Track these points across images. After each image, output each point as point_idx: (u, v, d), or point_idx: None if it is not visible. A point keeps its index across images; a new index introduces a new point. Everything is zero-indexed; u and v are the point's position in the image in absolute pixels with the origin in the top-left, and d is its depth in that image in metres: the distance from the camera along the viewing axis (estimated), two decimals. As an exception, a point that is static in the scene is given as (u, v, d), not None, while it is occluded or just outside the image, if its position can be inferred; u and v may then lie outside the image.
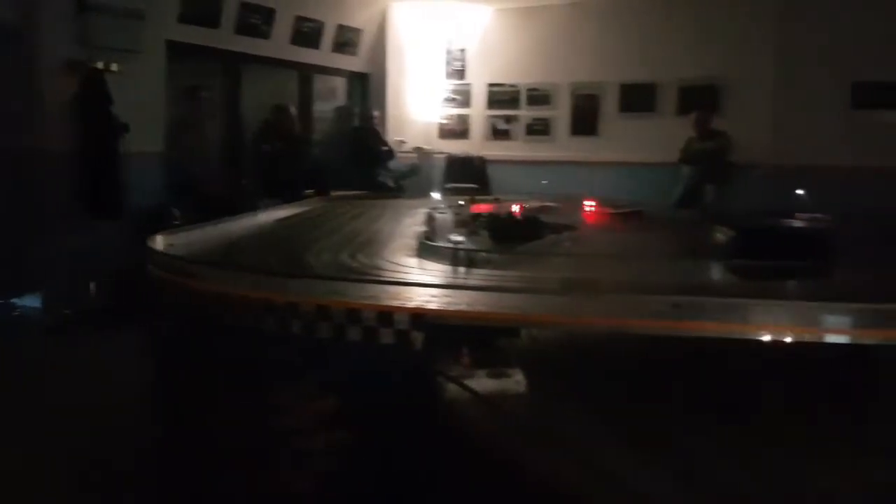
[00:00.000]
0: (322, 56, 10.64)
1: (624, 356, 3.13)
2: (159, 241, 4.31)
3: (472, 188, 9.40)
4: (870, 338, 2.89)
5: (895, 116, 8.89)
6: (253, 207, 6.73)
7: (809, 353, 2.89)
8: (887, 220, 6.48)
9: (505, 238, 4.65)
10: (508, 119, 11.73)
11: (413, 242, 4.60)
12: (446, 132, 12.11)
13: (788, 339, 2.82)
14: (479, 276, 3.74)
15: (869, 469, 2.26)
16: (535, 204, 6.99)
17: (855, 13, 8.85)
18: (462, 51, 11.91)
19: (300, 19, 9.91)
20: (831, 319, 2.96)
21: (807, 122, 9.08)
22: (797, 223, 6.52)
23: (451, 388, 2.83)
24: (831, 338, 2.85)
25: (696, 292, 3.28)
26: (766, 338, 2.90)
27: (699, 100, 9.81)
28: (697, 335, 2.82)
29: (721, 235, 5.70)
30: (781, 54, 9.41)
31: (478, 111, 11.91)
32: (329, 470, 2.77)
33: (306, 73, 10.83)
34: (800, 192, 7.35)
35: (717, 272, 4.12)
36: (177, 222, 6.71)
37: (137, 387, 4.07)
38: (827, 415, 2.66)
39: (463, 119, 12.04)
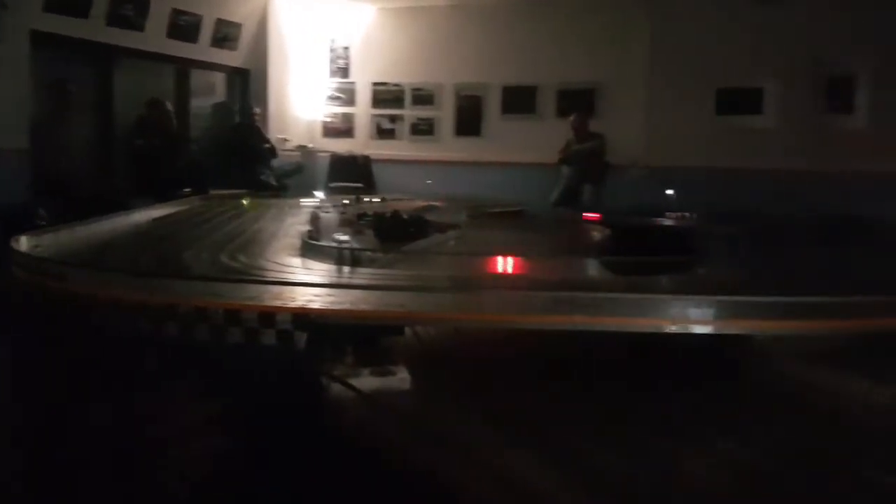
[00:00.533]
0: (200, 50, 10.31)
1: (508, 350, 3.20)
2: (24, 243, 4.07)
3: (356, 187, 9.36)
4: (734, 328, 3.09)
5: (756, 121, 9.49)
6: (126, 206, 6.45)
7: (676, 343, 3.06)
8: (750, 219, 6.94)
9: (390, 237, 4.66)
10: (393, 118, 11.75)
11: (296, 242, 4.54)
12: (330, 130, 12.00)
13: (658, 330, 2.97)
14: (364, 275, 3.73)
15: (730, 447, 2.41)
16: (420, 203, 7.04)
17: (720, 23, 9.40)
18: (346, 48, 11.83)
19: (177, 12, 9.56)
20: (696, 311, 3.14)
21: (677, 126, 9.57)
22: (667, 222, 6.87)
23: (336, 388, 2.82)
24: (697, 328, 3.03)
25: (573, 288, 3.40)
26: (638, 329, 3.05)
27: (577, 102, 10.14)
28: (576, 328, 2.92)
29: (597, 233, 5.94)
30: (653, 60, 9.88)
31: (362, 110, 11.87)
32: (209, 474, 2.70)
33: (183, 68, 10.46)
34: (670, 191, 7.74)
35: (592, 268, 4.28)
36: (43, 223, 6.33)
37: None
38: (693, 399, 2.82)
39: (347, 118, 11.96)
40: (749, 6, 9.09)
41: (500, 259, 4.31)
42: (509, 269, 4.02)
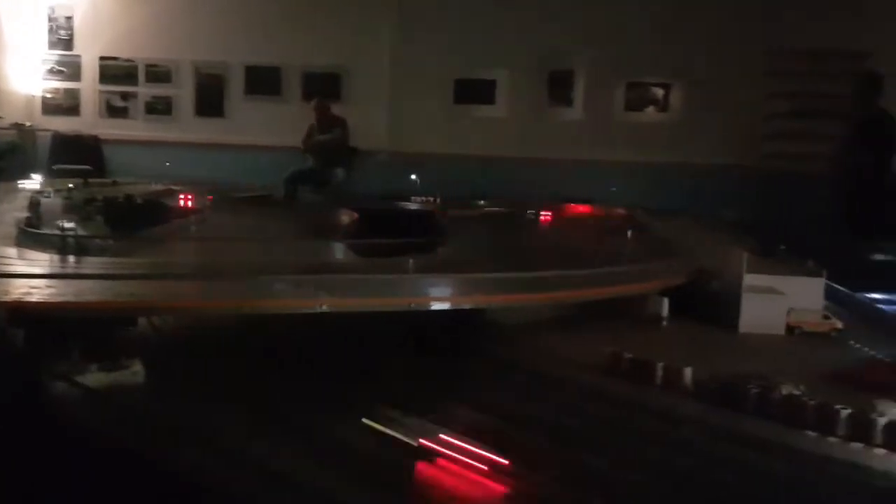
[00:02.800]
0: None
1: (251, 337, 3.15)
2: None
3: (84, 170, 8.61)
4: (472, 303, 3.30)
5: (489, 111, 10.14)
6: None
7: (420, 320, 3.21)
8: (488, 203, 7.41)
9: (123, 223, 4.37)
10: (125, 96, 10.95)
11: (12, 230, 4.11)
12: (51, 107, 10.91)
13: (402, 308, 3.09)
14: (92, 264, 3.47)
15: (473, 420, 2.58)
16: (157, 188, 6.66)
17: (463, 15, 9.89)
18: (68, 18, 10.80)
19: None
20: (437, 289, 3.32)
21: (419, 113, 9.93)
22: (410, 205, 7.14)
23: (62, 387, 2.60)
24: (438, 305, 3.19)
25: (319, 271, 3.43)
26: (384, 308, 3.15)
27: (322, 86, 10.13)
28: (321, 311, 2.95)
29: (344, 217, 6.01)
30: (398, 48, 10.15)
31: (88, 86, 10.92)
32: None
33: None
34: (414, 176, 8.04)
35: (338, 252, 4.34)
36: None
37: None
38: (436, 372, 2.98)
39: (71, 94, 10.95)
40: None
41: (242, 244, 4.22)
42: (252, 254, 3.95)
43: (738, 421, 2.50)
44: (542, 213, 6.22)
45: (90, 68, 10.83)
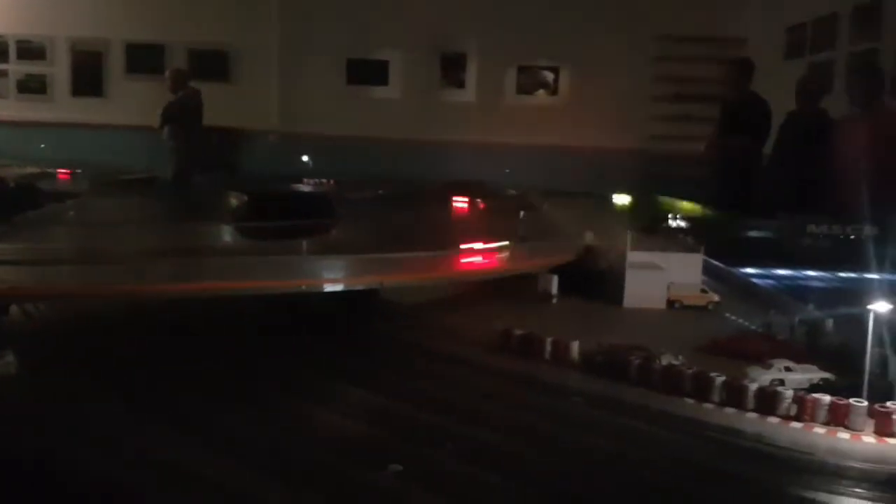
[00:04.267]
0: None
1: (135, 321, 3.04)
2: None
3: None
4: (365, 283, 3.29)
5: (383, 92, 10.06)
6: None
7: (315, 301, 3.18)
8: (379, 184, 7.38)
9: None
10: (-7, 73, 10.26)
11: None
12: None
13: (294, 290, 3.05)
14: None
15: (368, 400, 2.59)
16: (32, 170, 6.29)
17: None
18: (-75, -14, 10.00)
19: None
20: (330, 269, 3.28)
21: (310, 93, 9.75)
22: (302, 187, 7.03)
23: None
24: (330, 286, 3.17)
25: (208, 254, 3.33)
26: (274, 290, 3.10)
27: (209, 65, 9.78)
28: (210, 294, 2.87)
29: (234, 200, 5.86)
30: (287, 26, 9.91)
31: (-51, 61, 10.16)
32: None
33: None
34: (306, 158, 7.90)
35: (229, 235, 4.22)
36: None
37: None
38: (329, 352, 2.96)
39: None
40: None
41: (123, 229, 4.05)
42: (133, 239, 3.80)
43: (621, 390, 2.60)
44: (436, 193, 6.25)
45: (-49, 42, 10.08)
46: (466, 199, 6.57)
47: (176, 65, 8.67)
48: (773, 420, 2.33)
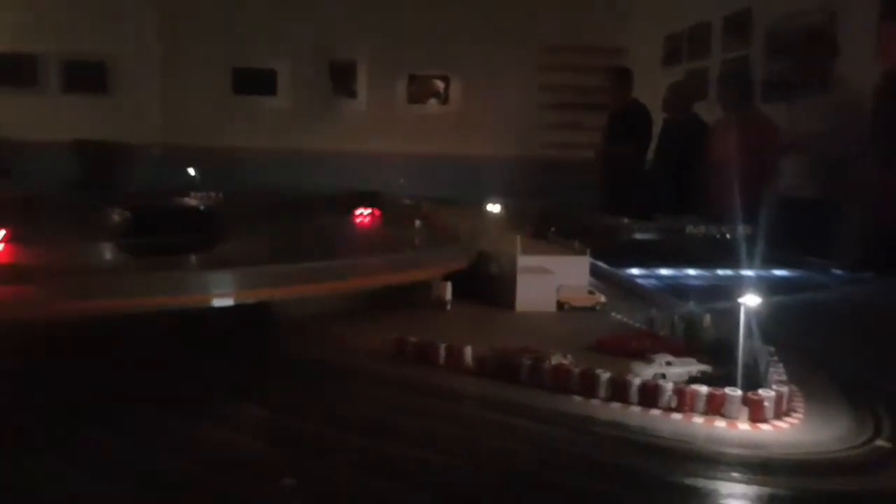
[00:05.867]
0: None
1: (11, 343, 2.88)
2: None
3: None
4: (253, 297, 3.23)
5: (271, 102, 9.91)
6: None
7: (202, 316, 3.10)
8: (269, 196, 7.26)
9: None
10: None
11: None
12: None
13: (178, 307, 2.96)
14: None
15: (260, 416, 2.54)
16: None
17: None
18: None
19: None
20: (218, 284, 3.21)
21: (193, 104, 9.50)
22: (189, 201, 6.84)
23: None
24: (219, 301, 3.10)
25: (89, 273, 3.20)
26: (162, 307, 3.00)
27: (85, 76, 9.39)
28: (92, 313, 2.76)
29: (116, 216, 5.64)
30: (165, 34, 9.62)
31: None
32: None
33: None
34: (191, 170, 7.69)
35: (109, 251, 4.07)
36: None
37: None
38: (219, 371, 2.89)
39: None
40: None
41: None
42: (5, 257, 3.61)
43: (513, 391, 2.66)
44: (329, 204, 6.21)
45: None
46: (360, 210, 6.55)
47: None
48: (656, 412, 2.44)
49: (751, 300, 2.77)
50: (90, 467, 2.14)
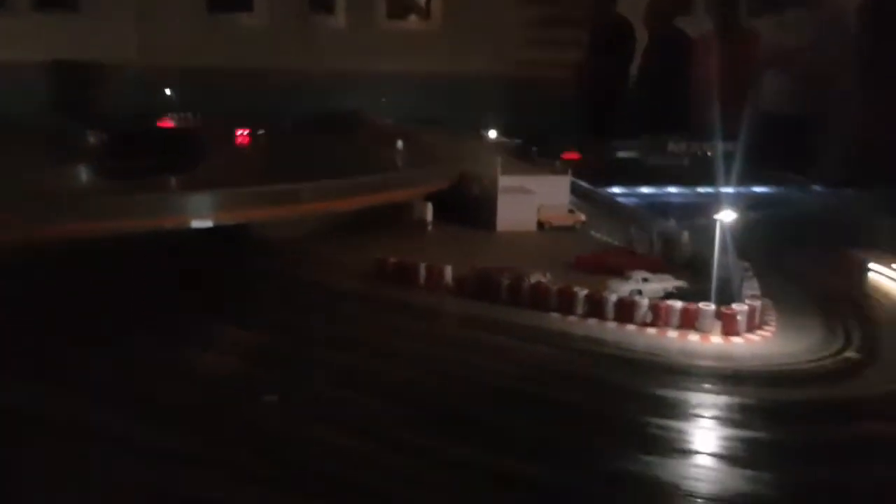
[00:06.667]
0: None
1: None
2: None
3: None
4: (233, 218, 3.21)
5: (247, 19, 9.60)
6: None
7: (183, 237, 3.08)
8: (248, 118, 7.13)
9: None
10: None
11: None
12: None
13: (160, 228, 2.95)
14: None
15: (243, 337, 2.56)
16: None
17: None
18: None
19: None
20: (198, 205, 3.18)
21: (170, 23, 9.20)
22: (167, 123, 6.71)
23: None
24: (198, 222, 3.08)
25: (68, 196, 3.15)
26: (144, 230, 2.98)
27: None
28: (74, 236, 2.74)
29: (94, 139, 5.55)
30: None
31: None
32: None
33: None
34: (168, 91, 7.53)
35: (90, 175, 4.02)
36: None
37: None
38: (201, 291, 2.90)
39: None
40: None
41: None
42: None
43: (493, 310, 2.70)
44: (309, 125, 6.11)
45: None
46: (340, 131, 6.47)
47: None
48: (632, 327, 2.50)
49: (726, 216, 2.79)
50: (70, 386, 2.16)
